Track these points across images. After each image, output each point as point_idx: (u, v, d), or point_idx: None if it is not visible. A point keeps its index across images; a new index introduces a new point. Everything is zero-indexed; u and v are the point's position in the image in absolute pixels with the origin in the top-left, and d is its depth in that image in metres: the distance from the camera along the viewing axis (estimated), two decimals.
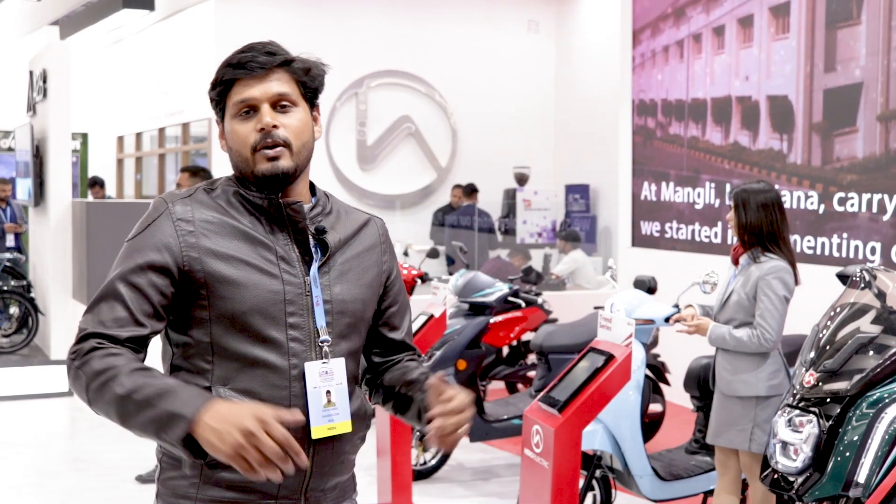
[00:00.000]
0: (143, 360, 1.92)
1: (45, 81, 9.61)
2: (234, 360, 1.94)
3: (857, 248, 6.67)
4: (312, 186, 2.11)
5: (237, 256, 1.95)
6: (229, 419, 1.72)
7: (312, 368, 1.98)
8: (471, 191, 11.84)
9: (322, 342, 1.99)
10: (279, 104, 1.99)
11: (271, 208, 2.00)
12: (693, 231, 8.21)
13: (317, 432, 1.98)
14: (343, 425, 2.02)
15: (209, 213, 1.98)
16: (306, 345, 1.98)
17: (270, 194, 1.99)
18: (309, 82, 2.05)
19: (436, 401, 1.97)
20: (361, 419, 2.11)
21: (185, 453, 1.80)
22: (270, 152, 1.96)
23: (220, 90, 2.01)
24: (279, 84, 1.99)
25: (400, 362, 2.22)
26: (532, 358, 7.58)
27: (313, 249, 2.02)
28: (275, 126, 1.97)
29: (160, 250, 1.93)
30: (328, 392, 1.99)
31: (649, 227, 8.70)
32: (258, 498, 1.98)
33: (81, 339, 1.90)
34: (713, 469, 4.79)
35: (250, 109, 1.98)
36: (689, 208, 8.22)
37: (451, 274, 8.41)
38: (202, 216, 1.97)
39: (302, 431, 1.95)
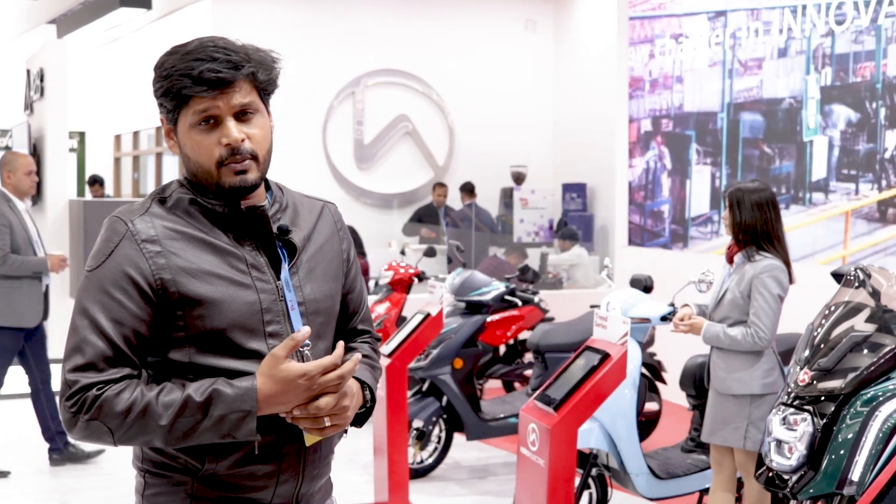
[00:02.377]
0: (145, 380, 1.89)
1: (42, 80, 9.61)
2: (216, 377, 1.85)
3: None
4: (265, 181, 2.02)
5: (210, 271, 1.86)
6: (286, 395, 1.81)
7: None
8: (469, 189, 11.82)
9: (303, 347, 1.88)
10: (241, 113, 1.89)
11: (232, 215, 1.92)
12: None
13: (310, 439, 1.94)
14: (330, 427, 1.95)
15: (172, 228, 1.87)
16: None
17: (231, 202, 1.91)
18: (269, 87, 1.94)
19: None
20: None
21: (255, 437, 1.83)
22: (238, 166, 1.87)
23: (176, 100, 1.88)
24: (242, 95, 1.88)
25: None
26: (529, 356, 7.60)
27: (280, 252, 1.95)
28: (242, 140, 1.87)
29: (131, 278, 1.83)
30: None
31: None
32: None
33: (78, 391, 1.81)
34: (709, 467, 4.81)
35: (212, 119, 1.87)
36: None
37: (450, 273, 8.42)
38: (166, 232, 1.86)
39: (294, 440, 1.94)
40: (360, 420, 2.03)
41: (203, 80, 1.84)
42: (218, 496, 1.92)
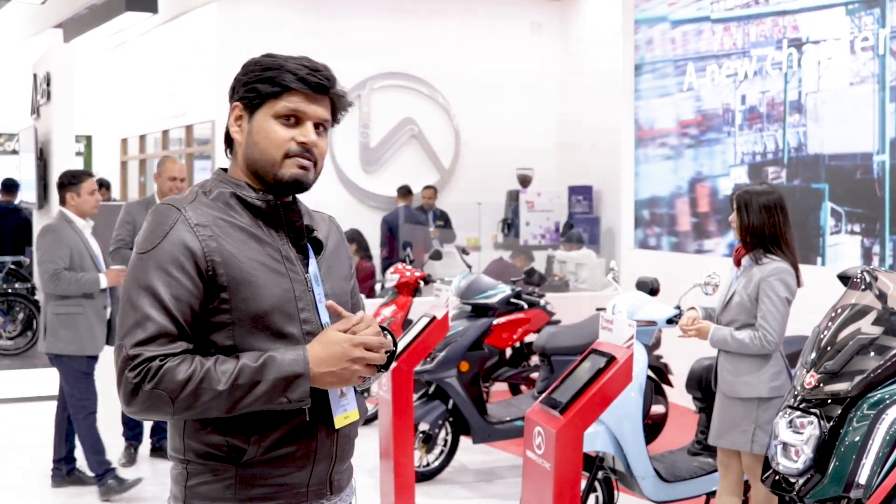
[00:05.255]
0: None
1: (48, 84, 9.62)
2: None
3: None
4: None
5: (253, 257, 2.03)
6: (337, 360, 1.97)
7: None
8: (405, 192, 11.63)
9: None
10: (318, 126, 2.11)
11: (269, 209, 2.09)
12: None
13: (338, 422, 2.09)
14: (354, 413, 2.14)
15: (218, 216, 2.04)
16: None
17: (277, 199, 2.10)
18: (337, 116, 2.18)
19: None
20: (362, 402, 2.22)
21: (305, 404, 1.98)
22: (305, 162, 2.08)
23: (276, 88, 2.07)
24: (325, 110, 2.12)
25: None
26: (535, 359, 7.59)
27: (309, 248, 2.14)
28: (315, 144, 2.10)
29: (186, 257, 1.97)
30: None
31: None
32: (293, 490, 2.07)
33: (142, 362, 1.92)
34: (715, 470, 4.80)
35: (294, 118, 2.08)
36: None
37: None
38: (215, 219, 2.04)
39: (324, 424, 2.07)
40: (388, 363, 2.16)
41: (307, 82, 2.08)
42: (260, 482, 2.03)
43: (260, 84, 2.08)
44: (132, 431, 6.49)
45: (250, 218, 2.07)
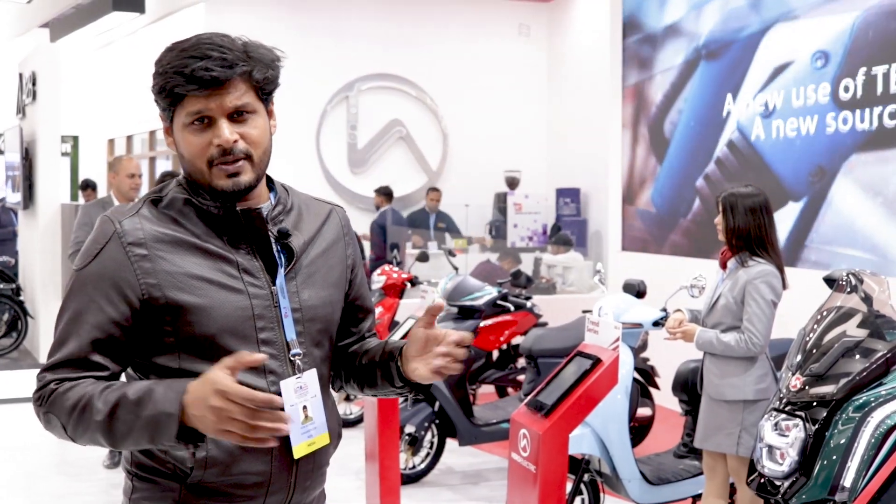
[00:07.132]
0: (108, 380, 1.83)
1: (34, 84, 9.59)
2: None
3: None
4: (269, 179, 1.96)
5: (198, 275, 1.81)
6: (202, 402, 1.65)
7: (288, 386, 1.86)
8: (387, 194, 11.56)
9: (294, 356, 1.88)
10: (236, 113, 1.83)
11: (227, 217, 1.86)
12: None
13: (298, 451, 1.88)
14: (321, 438, 1.93)
15: (160, 230, 1.83)
16: (280, 360, 1.87)
17: (227, 203, 1.86)
18: (267, 86, 1.87)
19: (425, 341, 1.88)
20: (335, 426, 2.01)
21: (184, 447, 1.74)
22: (231, 168, 1.81)
23: (170, 98, 1.83)
24: (237, 96, 1.81)
25: (360, 343, 2.12)
26: (522, 362, 7.58)
27: (277, 256, 1.89)
28: (234, 140, 1.81)
29: (114, 282, 1.80)
30: (304, 407, 1.89)
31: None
32: None
33: (43, 386, 1.81)
34: (701, 473, 4.79)
35: (205, 119, 1.81)
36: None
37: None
38: (154, 234, 1.82)
39: (283, 451, 1.88)
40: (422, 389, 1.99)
41: (195, 79, 1.79)
42: (203, 503, 1.87)
43: (158, 96, 1.85)
44: None
45: (205, 227, 1.85)
